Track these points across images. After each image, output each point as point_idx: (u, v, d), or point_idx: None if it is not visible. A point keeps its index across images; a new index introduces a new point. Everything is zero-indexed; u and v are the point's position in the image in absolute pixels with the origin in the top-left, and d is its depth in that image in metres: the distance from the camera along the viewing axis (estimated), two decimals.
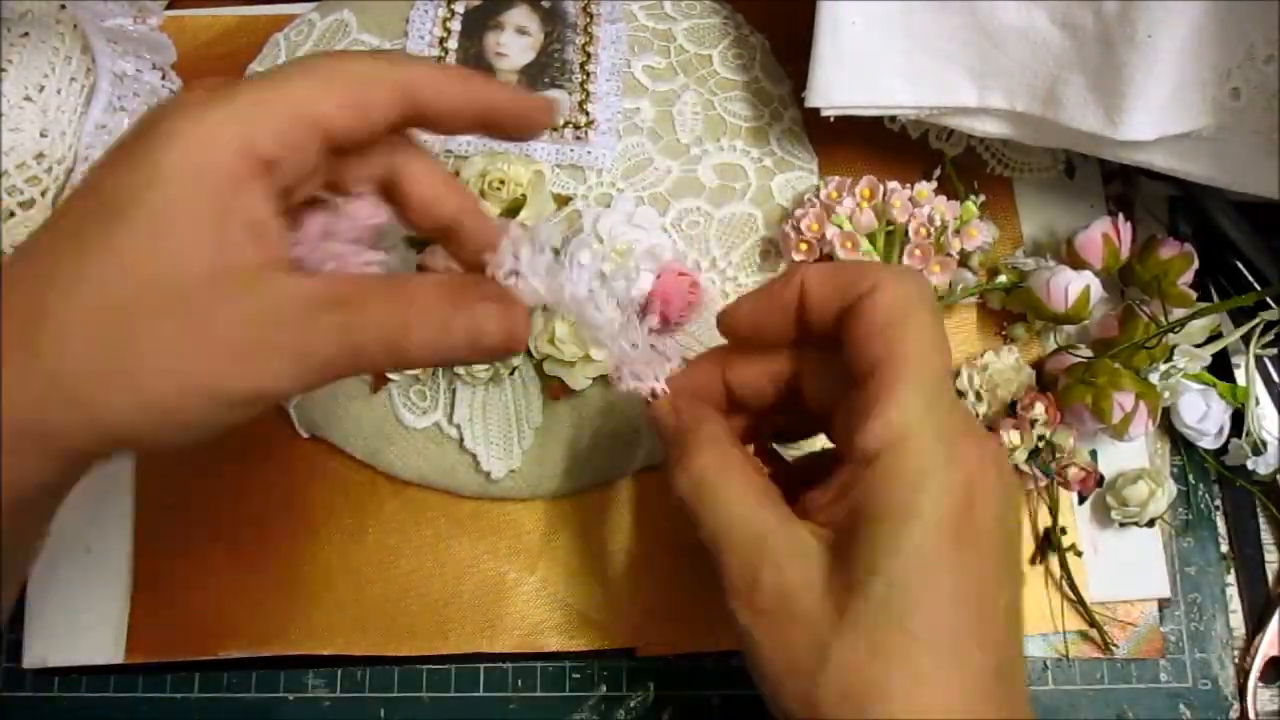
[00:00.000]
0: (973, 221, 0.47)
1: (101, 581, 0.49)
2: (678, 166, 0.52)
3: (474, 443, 0.48)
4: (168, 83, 0.55)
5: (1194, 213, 0.52)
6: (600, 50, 0.53)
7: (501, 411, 0.49)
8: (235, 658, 0.48)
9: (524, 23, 0.54)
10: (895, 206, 0.46)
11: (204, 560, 0.49)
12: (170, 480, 0.50)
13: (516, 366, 0.47)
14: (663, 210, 0.51)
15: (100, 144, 0.52)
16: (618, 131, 0.52)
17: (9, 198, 0.52)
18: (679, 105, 0.53)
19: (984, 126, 0.48)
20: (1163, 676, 0.49)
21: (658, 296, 0.48)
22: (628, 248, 0.47)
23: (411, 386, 0.49)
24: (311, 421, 0.50)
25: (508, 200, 0.48)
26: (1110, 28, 0.43)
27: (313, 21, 0.56)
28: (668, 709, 0.49)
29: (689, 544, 0.50)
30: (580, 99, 0.52)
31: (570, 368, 0.47)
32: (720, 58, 0.54)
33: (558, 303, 0.32)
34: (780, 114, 0.53)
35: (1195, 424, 0.49)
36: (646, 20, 0.55)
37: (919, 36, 0.46)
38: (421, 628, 0.48)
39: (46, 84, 0.53)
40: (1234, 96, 0.43)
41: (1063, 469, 0.49)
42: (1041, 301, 0.49)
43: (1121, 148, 0.45)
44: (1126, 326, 0.48)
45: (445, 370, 0.49)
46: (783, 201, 0.52)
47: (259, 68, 0.55)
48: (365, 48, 0.54)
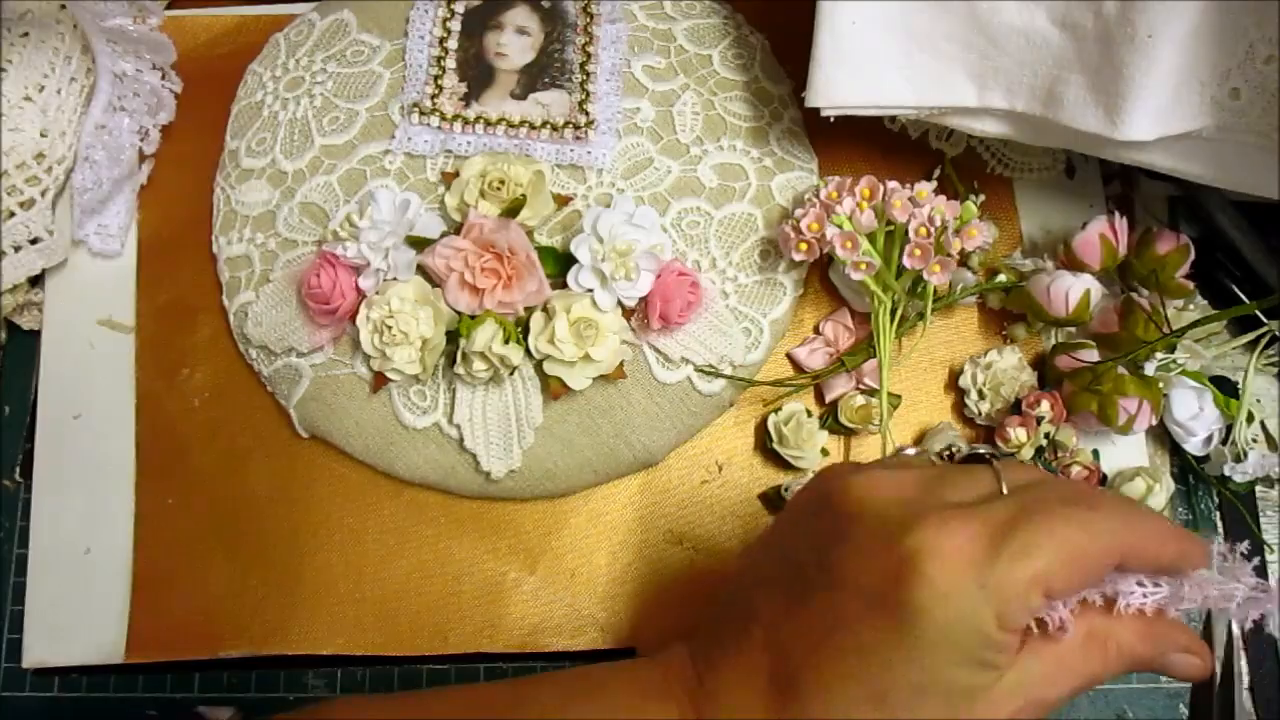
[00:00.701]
0: (973, 221, 0.47)
1: (101, 581, 0.49)
2: (678, 166, 0.52)
3: (474, 443, 0.48)
4: (168, 83, 0.55)
5: (1194, 213, 0.52)
6: (600, 50, 0.53)
7: (501, 411, 0.49)
8: (235, 658, 0.48)
9: (524, 23, 0.54)
10: (895, 206, 0.46)
11: (204, 560, 0.49)
12: (170, 480, 0.51)
13: (516, 366, 0.47)
14: (663, 210, 0.51)
15: (100, 144, 0.52)
16: (617, 131, 0.52)
17: (9, 198, 0.52)
18: (679, 105, 0.53)
19: (984, 126, 0.48)
20: (1162, 677, 0.49)
21: (658, 296, 0.48)
22: (628, 248, 0.47)
23: (411, 387, 0.49)
24: (312, 422, 0.50)
25: (508, 200, 0.48)
26: (1110, 28, 0.43)
27: (313, 21, 0.56)
28: None
29: (689, 544, 0.50)
30: (580, 99, 0.52)
31: (570, 368, 0.47)
32: (720, 58, 0.54)
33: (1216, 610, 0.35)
34: (780, 114, 0.54)
35: (1186, 421, 0.49)
36: (646, 20, 0.55)
37: (919, 36, 0.46)
38: (421, 628, 0.48)
39: (46, 84, 0.53)
40: (1234, 96, 0.43)
41: (1066, 468, 0.49)
42: (1042, 307, 0.49)
43: (1121, 148, 0.45)
44: (1127, 321, 0.48)
45: (445, 370, 0.49)
46: (782, 201, 0.52)
47: (259, 68, 0.55)
48: (365, 47, 0.54)
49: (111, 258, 0.54)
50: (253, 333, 0.50)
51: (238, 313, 0.51)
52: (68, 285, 0.53)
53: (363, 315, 0.48)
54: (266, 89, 0.54)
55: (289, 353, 0.50)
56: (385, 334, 0.47)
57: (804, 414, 0.50)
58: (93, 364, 0.52)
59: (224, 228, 0.53)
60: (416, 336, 0.47)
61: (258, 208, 0.52)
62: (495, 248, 0.47)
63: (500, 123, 0.52)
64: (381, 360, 0.48)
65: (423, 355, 0.47)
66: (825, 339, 0.51)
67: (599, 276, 0.48)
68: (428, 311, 0.47)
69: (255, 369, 0.51)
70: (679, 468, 0.51)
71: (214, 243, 0.53)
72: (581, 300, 0.47)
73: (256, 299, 0.51)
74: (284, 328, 0.50)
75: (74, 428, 0.51)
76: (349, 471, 0.50)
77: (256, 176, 0.53)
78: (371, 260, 0.48)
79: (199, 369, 0.52)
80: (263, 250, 0.52)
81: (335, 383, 0.50)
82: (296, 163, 0.52)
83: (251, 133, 0.54)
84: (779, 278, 0.51)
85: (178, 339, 0.52)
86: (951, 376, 0.52)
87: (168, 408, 0.51)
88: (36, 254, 0.52)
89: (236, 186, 0.53)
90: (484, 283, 0.47)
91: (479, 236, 0.47)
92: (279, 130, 0.53)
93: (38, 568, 0.50)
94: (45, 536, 0.50)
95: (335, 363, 0.50)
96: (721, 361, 0.49)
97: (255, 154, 0.53)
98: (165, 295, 0.53)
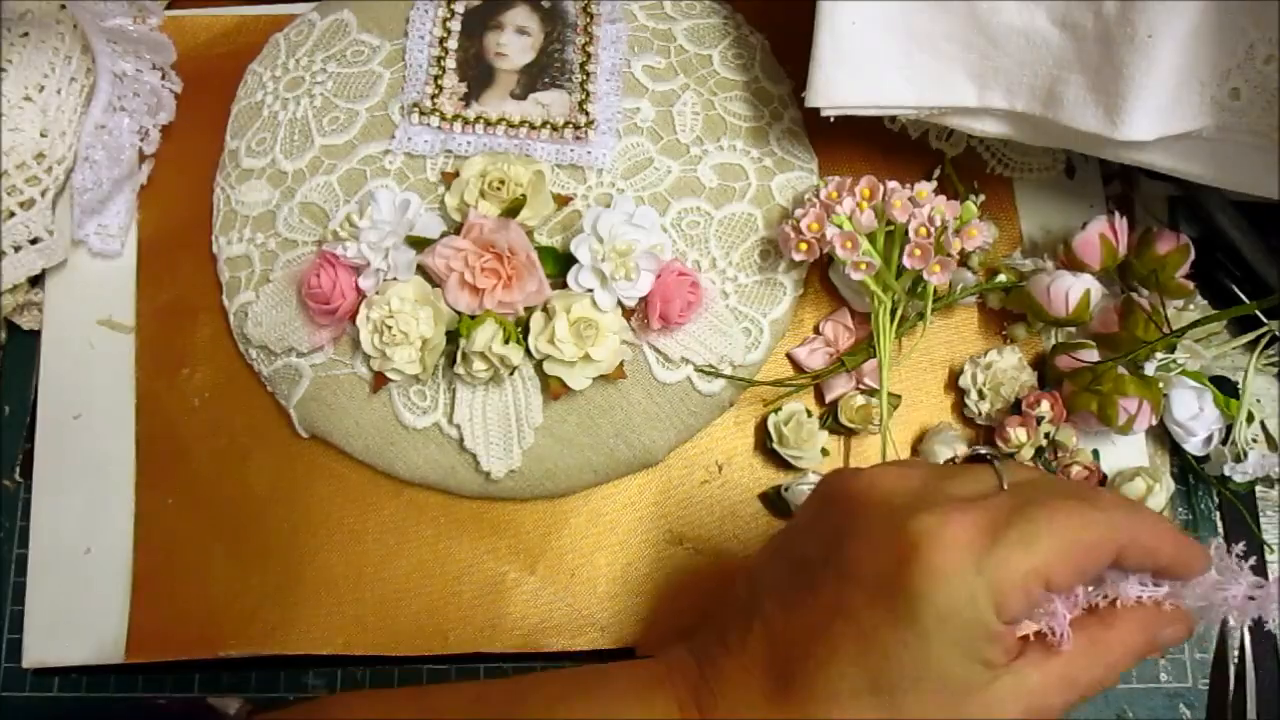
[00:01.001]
0: (973, 221, 0.47)
1: (101, 581, 0.49)
2: (678, 166, 0.52)
3: (474, 443, 0.48)
4: (168, 83, 0.55)
5: (1194, 213, 0.52)
6: (600, 50, 0.53)
7: (501, 411, 0.49)
8: (235, 657, 0.48)
9: (524, 23, 0.54)
10: (895, 206, 0.46)
11: (204, 560, 0.49)
12: (170, 480, 0.51)
13: (516, 367, 0.47)
14: (663, 210, 0.51)
15: (100, 144, 0.52)
16: (617, 131, 0.52)
17: (9, 198, 0.52)
18: (679, 105, 0.53)
19: (984, 126, 0.48)
20: (1163, 676, 0.49)
21: (658, 296, 0.48)
22: (628, 248, 0.47)
23: (411, 387, 0.49)
24: (312, 422, 0.50)
25: (508, 200, 0.48)
26: (1110, 28, 0.43)
27: (313, 21, 0.56)
28: None
29: (689, 544, 0.50)
30: (580, 99, 0.52)
31: (570, 368, 0.47)
32: (720, 58, 0.54)
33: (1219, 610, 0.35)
34: (780, 114, 0.53)
35: (1186, 421, 0.49)
36: (646, 20, 0.55)
37: (919, 36, 0.46)
38: (421, 628, 0.48)
39: (46, 84, 0.53)
40: (1234, 96, 0.43)
41: (1066, 467, 0.49)
42: (1042, 307, 0.49)
43: (1121, 148, 0.45)
44: (1127, 321, 0.48)
45: (445, 370, 0.49)
46: (782, 201, 0.52)
47: (259, 68, 0.55)
48: (365, 48, 0.54)
49: (111, 258, 0.54)
50: (253, 333, 0.50)
51: (238, 313, 0.51)
52: (68, 285, 0.53)
53: (363, 315, 0.48)
54: (266, 89, 0.54)
55: (289, 353, 0.50)
56: (385, 334, 0.47)
57: (804, 414, 0.50)
58: (93, 364, 0.52)
59: (224, 228, 0.53)
60: (416, 336, 0.47)
61: (258, 208, 0.52)
62: (495, 248, 0.47)
63: (500, 123, 0.52)
64: (381, 360, 0.48)
65: (423, 355, 0.47)
66: (825, 339, 0.51)
67: (599, 276, 0.48)
68: (428, 311, 0.47)
69: (255, 369, 0.51)
70: (679, 468, 0.50)
71: (214, 243, 0.53)
72: (581, 300, 0.47)
73: (256, 299, 0.51)
74: (284, 328, 0.50)
75: (74, 428, 0.51)
76: (349, 471, 0.50)
77: (256, 176, 0.53)
78: (372, 260, 0.48)
79: (199, 369, 0.52)
80: (263, 250, 0.52)
81: (335, 383, 0.49)
82: (296, 163, 0.52)
83: (251, 133, 0.54)
84: (779, 278, 0.51)
85: (178, 339, 0.52)
86: (951, 376, 0.52)
87: (168, 408, 0.51)
88: (36, 254, 0.52)
89: (236, 186, 0.53)
90: (484, 283, 0.47)
91: (479, 236, 0.47)
92: (279, 130, 0.53)
93: (38, 568, 0.50)
94: (45, 536, 0.50)
95: (335, 363, 0.50)
96: (721, 361, 0.49)
97: (255, 154, 0.53)
98: (165, 295, 0.53)
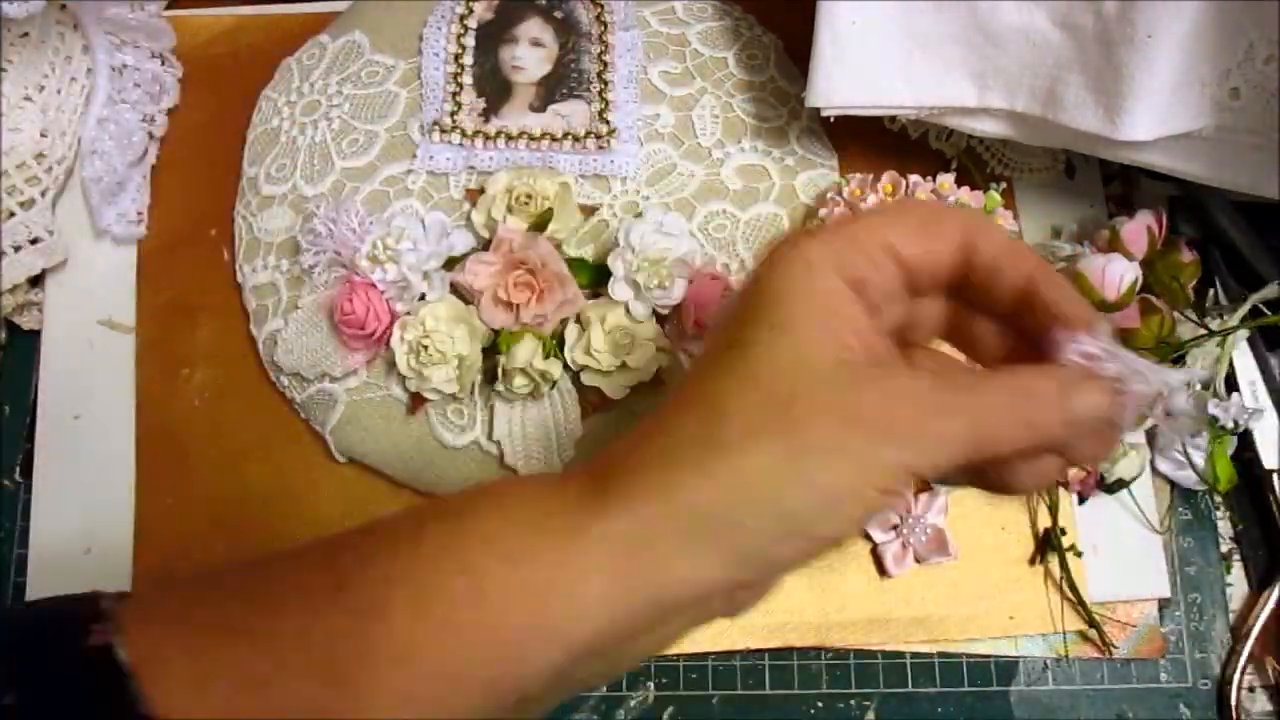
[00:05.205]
0: (996, 210, 0.47)
1: (101, 581, 0.49)
2: (701, 170, 0.52)
3: (514, 458, 0.48)
4: (169, 68, 0.55)
5: (1194, 213, 0.52)
6: (616, 58, 0.53)
7: (540, 425, 0.48)
8: None
9: (538, 35, 0.54)
10: (919, 199, 0.46)
11: (204, 560, 0.49)
12: (170, 480, 0.51)
13: (555, 380, 0.47)
14: (689, 215, 0.51)
15: (107, 134, 0.52)
16: (639, 139, 0.52)
17: (9, 198, 0.52)
18: (698, 109, 0.53)
19: (984, 126, 0.48)
20: (1162, 676, 0.49)
21: (692, 302, 0.48)
22: (660, 256, 0.47)
23: (449, 406, 0.49)
24: (349, 446, 0.50)
25: (535, 214, 0.48)
26: (1110, 28, 0.43)
27: (324, 44, 0.55)
28: (668, 709, 0.49)
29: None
30: (600, 108, 0.52)
31: (608, 377, 0.47)
32: (735, 59, 0.54)
33: (1139, 393, 0.31)
34: (798, 112, 0.53)
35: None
36: (660, 26, 0.54)
37: (919, 36, 0.46)
38: None
39: (46, 84, 0.53)
40: (1234, 96, 0.43)
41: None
42: (1094, 288, 0.48)
43: (1121, 148, 0.45)
44: (1147, 319, 0.48)
45: (482, 387, 0.49)
46: (806, 200, 0.52)
47: (273, 94, 0.54)
48: (379, 68, 0.53)
49: (127, 244, 0.53)
50: (284, 360, 0.50)
51: (266, 341, 0.51)
52: (68, 285, 0.53)
53: (397, 336, 0.47)
54: (282, 114, 0.54)
55: (322, 379, 0.50)
56: (422, 354, 0.47)
57: None
58: (93, 364, 0.52)
59: (248, 255, 0.52)
60: (453, 355, 0.47)
61: (280, 234, 0.52)
62: (526, 262, 0.47)
63: (521, 136, 0.52)
64: (419, 380, 0.47)
65: (460, 373, 0.47)
66: None
67: (634, 287, 0.48)
68: (462, 329, 0.47)
69: (288, 395, 0.51)
70: None
71: (238, 272, 0.52)
72: (615, 309, 0.47)
73: (285, 326, 0.50)
74: (316, 354, 0.49)
75: (74, 428, 0.51)
76: (353, 471, 0.50)
77: (278, 204, 0.52)
78: (413, 282, 0.47)
79: (199, 369, 0.52)
80: (289, 277, 0.51)
81: (370, 406, 0.49)
82: (318, 187, 0.52)
83: (270, 159, 0.53)
84: None
85: (178, 339, 0.52)
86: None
87: (168, 408, 0.51)
88: (36, 254, 0.52)
89: (258, 214, 0.52)
90: (518, 297, 0.47)
91: (508, 252, 0.47)
92: (298, 155, 0.52)
93: (38, 568, 0.50)
94: (45, 536, 0.50)
95: (369, 385, 0.49)
96: None
97: (275, 180, 0.52)
98: (165, 295, 0.53)
